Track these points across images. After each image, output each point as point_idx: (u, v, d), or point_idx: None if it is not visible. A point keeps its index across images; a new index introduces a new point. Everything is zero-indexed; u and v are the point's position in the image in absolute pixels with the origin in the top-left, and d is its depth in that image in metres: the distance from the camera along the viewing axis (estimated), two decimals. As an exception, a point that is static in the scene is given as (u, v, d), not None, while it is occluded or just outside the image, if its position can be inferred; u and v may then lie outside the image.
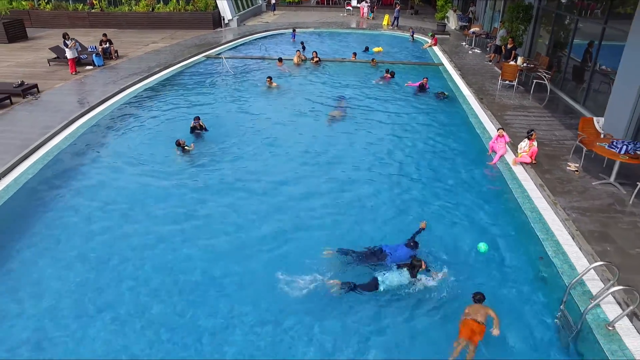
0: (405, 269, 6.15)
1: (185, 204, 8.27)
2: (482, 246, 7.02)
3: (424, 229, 7.16)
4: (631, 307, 5.36)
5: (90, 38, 21.34)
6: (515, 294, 6.22)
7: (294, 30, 23.84)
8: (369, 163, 10.00)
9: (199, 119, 11.29)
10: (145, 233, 7.42)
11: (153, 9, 25.82)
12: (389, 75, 16.08)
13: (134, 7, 26.19)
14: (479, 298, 5.65)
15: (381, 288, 5.98)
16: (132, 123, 12.18)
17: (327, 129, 11.94)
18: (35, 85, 14.02)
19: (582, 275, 5.83)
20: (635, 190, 7.95)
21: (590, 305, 5.42)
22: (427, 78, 14.95)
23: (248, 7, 30.36)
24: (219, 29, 25.67)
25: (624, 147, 8.27)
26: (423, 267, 6.13)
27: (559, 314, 5.82)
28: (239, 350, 5.33)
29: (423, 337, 5.54)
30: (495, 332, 5.30)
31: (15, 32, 21.99)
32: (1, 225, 7.62)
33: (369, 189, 8.88)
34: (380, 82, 15.84)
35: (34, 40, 22.57)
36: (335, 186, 8.98)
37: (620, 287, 5.32)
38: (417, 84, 14.88)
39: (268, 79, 15.29)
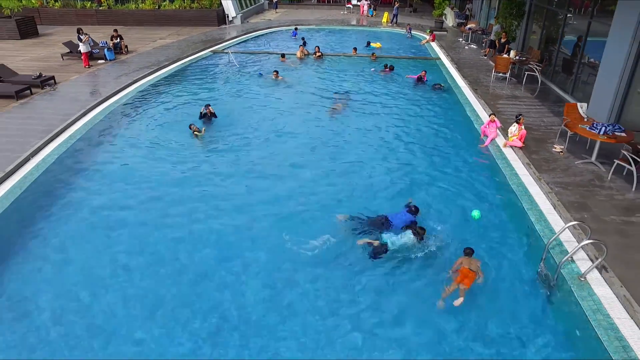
0: (409, 231, 6.88)
1: (197, 181, 9.01)
2: (476, 213, 7.78)
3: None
4: (599, 260, 6.11)
5: (99, 34, 22.05)
6: (503, 254, 6.96)
7: (295, 29, 24.58)
8: (371, 146, 10.76)
9: (210, 106, 12.02)
10: (160, 206, 8.15)
11: (159, 7, 26.60)
12: (388, 70, 16.83)
13: (140, 5, 26.94)
14: (468, 252, 6.42)
15: (391, 248, 6.71)
16: (146, 111, 12.94)
17: (329, 117, 12.66)
18: (53, 77, 14.76)
19: (559, 234, 6.60)
20: (613, 167, 8.72)
21: (564, 259, 6.19)
22: (425, 71, 15.72)
23: (251, 5, 31.13)
24: (223, 26, 26.44)
25: (603, 128, 9.03)
26: (424, 233, 6.89)
27: (539, 269, 6.58)
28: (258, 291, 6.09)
29: (423, 286, 6.31)
30: (480, 280, 6.07)
31: (27, 28, 22.74)
32: (34, 198, 8.37)
33: (370, 167, 9.63)
34: (381, 74, 16.64)
35: (44, 37, 23.33)
36: (338, 165, 9.73)
37: (590, 241, 6.09)
38: (416, 76, 15.65)
39: (274, 72, 16.02)
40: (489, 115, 11.20)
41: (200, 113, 11.89)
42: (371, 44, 21.28)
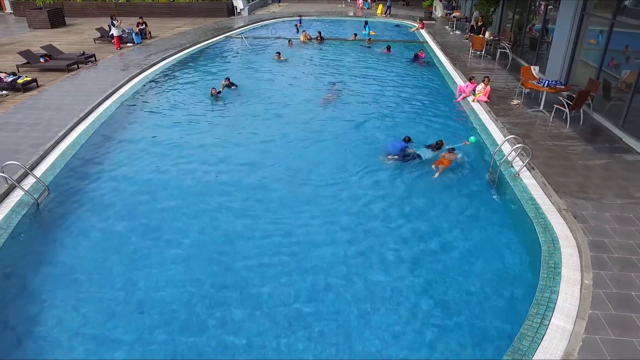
0: (429, 149, 9.74)
1: (218, 133, 11.29)
2: (472, 139, 10.28)
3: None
4: (527, 160, 8.65)
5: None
6: (466, 164, 9.48)
7: (300, 18, 27.08)
8: (367, 106, 13.29)
9: (229, 79, 14.40)
10: (189, 156, 10.14)
11: (174, 0, 29.05)
12: (387, 50, 19.69)
13: (156, -2, 29.42)
14: (440, 143, 9.54)
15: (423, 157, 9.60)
16: (176, 80, 15.52)
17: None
18: (94, 55, 17.22)
19: (501, 145, 9.19)
20: (553, 111, 11.26)
21: (502, 160, 8.74)
22: (423, 50, 18.40)
23: (256, -2, 33.65)
24: (232, 17, 28.93)
25: (546, 82, 11.60)
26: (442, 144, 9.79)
27: (488, 172, 9.10)
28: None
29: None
30: (459, 159, 9.08)
31: (57, 19, 25.17)
32: (102, 137, 10.90)
33: (365, 123, 12.09)
34: (386, 52, 19.62)
35: (71, 27, 25.76)
36: (336, 122, 12.24)
37: (520, 145, 8.63)
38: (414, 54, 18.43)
39: (277, 54, 18.36)
40: (469, 79, 13.75)
41: (222, 84, 14.21)
42: (369, 31, 23.90)
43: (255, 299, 5.95)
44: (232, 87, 14.44)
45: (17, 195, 7.93)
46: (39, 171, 8.82)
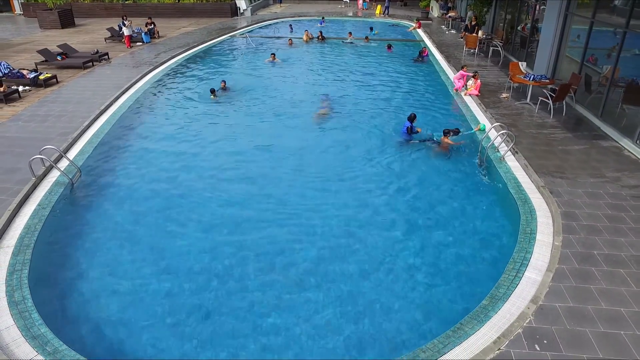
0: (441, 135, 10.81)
1: (216, 123, 12.30)
2: (482, 125, 11.25)
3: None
4: (511, 145, 9.59)
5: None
6: (459, 149, 10.44)
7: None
8: (368, 96, 14.26)
9: (225, 83, 14.91)
10: (206, 140, 11.41)
11: (179, 0, 29.96)
12: (389, 49, 20.78)
13: (162, -1, 30.37)
14: (446, 132, 10.49)
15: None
16: (184, 76, 16.49)
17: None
18: (107, 53, 18.14)
19: (488, 132, 10.10)
20: (538, 103, 12.21)
21: (489, 144, 9.67)
22: (426, 48, 19.39)
23: (258, -1, 34.60)
24: (235, 17, 29.88)
25: (532, 76, 12.56)
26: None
27: (477, 157, 10.04)
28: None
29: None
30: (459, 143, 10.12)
31: (67, 19, 26.10)
32: (119, 130, 11.83)
33: (365, 113, 13.05)
34: (389, 51, 20.67)
35: (80, 27, 26.67)
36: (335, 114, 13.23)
37: (505, 132, 9.57)
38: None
39: (272, 55, 18.71)
40: (462, 67, 14.73)
41: (221, 85, 14.96)
42: (374, 31, 25.02)
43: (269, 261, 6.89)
44: (226, 89, 14.85)
45: (53, 177, 8.85)
46: (70, 156, 9.73)
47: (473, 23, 19.91)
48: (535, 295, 5.78)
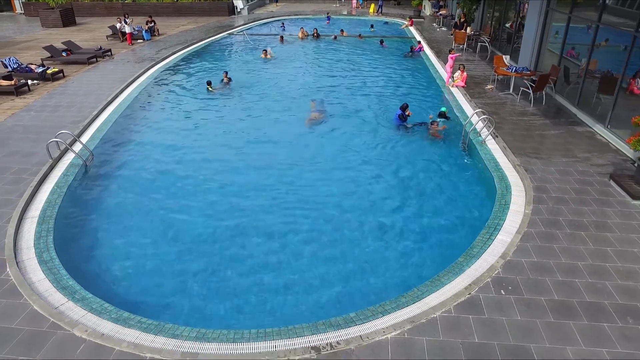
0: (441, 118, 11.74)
1: (215, 112, 13.18)
2: (444, 108, 12.08)
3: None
4: (492, 129, 10.39)
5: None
6: (445, 133, 11.24)
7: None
8: (359, 89, 15.03)
9: (227, 74, 15.84)
10: (208, 127, 12.36)
11: (177, 0, 30.67)
12: (383, 44, 21.61)
13: (160, -2, 31.03)
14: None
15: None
16: (185, 71, 17.26)
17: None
18: (110, 50, 18.83)
19: (470, 118, 10.89)
20: (520, 93, 13.02)
21: (471, 129, 10.46)
22: (421, 43, 20.24)
23: (254, -1, 35.35)
24: (232, 16, 30.61)
25: (514, 68, 13.37)
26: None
27: (461, 142, 10.83)
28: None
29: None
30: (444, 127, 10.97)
31: (68, 18, 26.73)
32: (125, 119, 12.55)
33: (359, 103, 13.83)
34: (382, 46, 21.60)
35: (81, 25, 27.31)
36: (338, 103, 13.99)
37: (485, 117, 10.37)
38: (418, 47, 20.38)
39: (263, 52, 19.50)
40: (449, 51, 15.53)
41: (224, 77, 15.76)
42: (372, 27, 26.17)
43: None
44: (229, 81, 15.61)
45: (68, 159, 9.57)
46: (82, 141, 10.44)
47: (462, 20, 20.74)
48: (504, 252, 6.56)
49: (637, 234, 6.95)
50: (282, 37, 23.29)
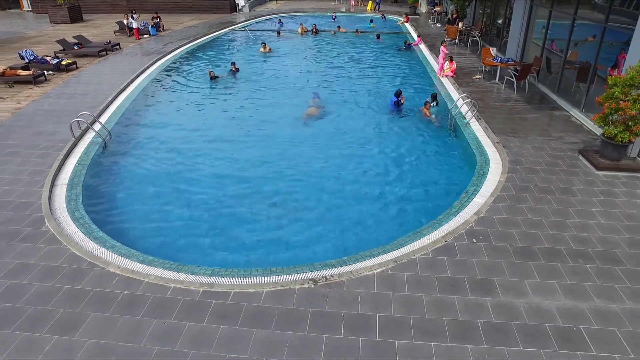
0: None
1: (220, 99, 14.17)
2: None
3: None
4: (475, 112, 11.35)
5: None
6: (434, 116, 12.20)
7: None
8: (357, 79, 15.98)
9: (234, 64, 16.86)
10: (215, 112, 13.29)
11: (180, -3, 31.66)
12: (378, 38, 22.56)
13: (164, -4, 31.95)
14: (430, 99, 12.14)
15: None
16: (190, 62, 18.20)
17: (319, 69, 17.83)
18: (118, 44, 19.77)
19: (456, 102, 11.86)
20: (504, 82, 13.98)
21: (456, 112, 11.42)
22: (420, 37, 21.18)
23: (255, -3, 36.31)
24: (234, 13, 31.55)
25: (499, 59, 14.34)
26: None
27: (447, 123, 11.78)
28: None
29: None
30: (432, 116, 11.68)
31: (75, 15, 27.68)
32: (138, 104, 13.48)
33: (356, 89, 14.78)
34: (378, 40, 22.54)
35: (88, 22, 28.25)
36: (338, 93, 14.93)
37: (469, 100, 11.32)
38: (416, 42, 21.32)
39: (262, 45, 20.50)
40: (441, 43, 16.49)
41: (231, 68, 16.80)
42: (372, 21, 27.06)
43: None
44: (236, 71, 16.68)
45: (88, 138, 10.51)
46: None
47: (454, 16, 21.70)
48: (478, 210, 7.50)
49: (597, 197, 7.90)
50: (279, 32, 24.28)
